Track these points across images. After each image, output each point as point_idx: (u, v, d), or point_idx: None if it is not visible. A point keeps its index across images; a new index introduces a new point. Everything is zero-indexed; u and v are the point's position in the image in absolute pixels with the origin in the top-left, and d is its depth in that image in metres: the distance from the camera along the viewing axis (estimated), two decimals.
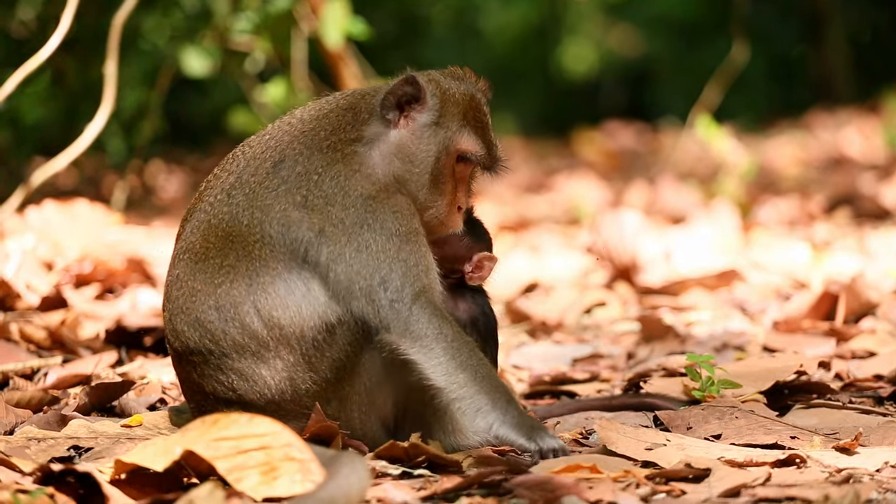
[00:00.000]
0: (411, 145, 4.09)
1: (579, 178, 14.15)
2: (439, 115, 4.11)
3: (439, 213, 4.13)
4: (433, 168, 4.09)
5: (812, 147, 16.57)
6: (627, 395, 4.87)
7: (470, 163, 4.17)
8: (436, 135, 4.10)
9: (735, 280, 7.55)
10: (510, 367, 5.71)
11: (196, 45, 9.78)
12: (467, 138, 4.13)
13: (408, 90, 4.09)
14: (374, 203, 3.99)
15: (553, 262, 8.70)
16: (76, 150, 7.65)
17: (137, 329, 5.73)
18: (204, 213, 4.09)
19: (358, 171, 4.04)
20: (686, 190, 12.00)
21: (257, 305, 3.95)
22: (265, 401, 3.98)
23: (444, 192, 4.13)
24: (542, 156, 18.82)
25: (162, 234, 8.99)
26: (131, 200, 10.89)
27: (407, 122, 4.10)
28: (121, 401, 4.64)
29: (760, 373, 4.67)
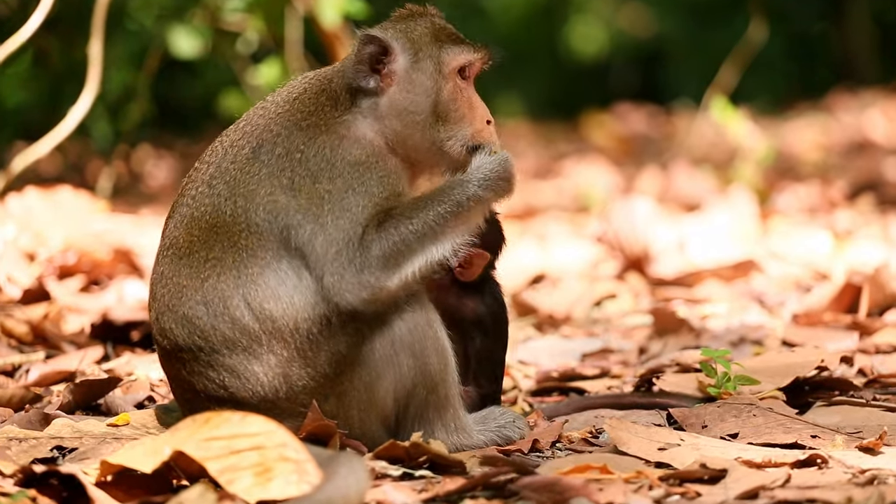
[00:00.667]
0: (407, 95, 4.11)
1: (588, 164, 14.14)
2: (415, 52, 4.14)
3: (466, 137, 4.14)
4: (438, 100, 4.12)
5: (833, 130, 16.54)
6: (639, 392, 4.87)
7: (469, 72, 4.20)
8: (423, 69, 4.13)
9: (752, 271, 7.54)
10: (516, 362, 5.70)
11: (185, 25, 9.77)
12: (453, 52, 4.17)
13: (371, 49, 4.11)
14: (363, 168, 4.01)
15: (561, 253, 8.69)
16: (60, 135, 7.64)
17: (124, 323, 5.73)
18: (186, 207, 4.09)
19: (345, 138, 4.06)
20: (701, 176, 11.98)
21: (247, 298, 3.95)
22: (258, 398, 3.97)
23: (461, 115, 4.15)
24: (550, 140, 18.80)
25: (150, 222, 8.98)
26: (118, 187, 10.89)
27: (390, 79, 4.12)
28: (107, 399, 4.64)
29: (779, 368, 4.66)
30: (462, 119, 4.17)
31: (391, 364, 4.01)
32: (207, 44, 9.91)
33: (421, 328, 4.01)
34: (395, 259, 3.94)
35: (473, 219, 4.04)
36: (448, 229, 3.98)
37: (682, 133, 16.35)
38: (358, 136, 4.07)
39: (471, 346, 4.33)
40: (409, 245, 3.94)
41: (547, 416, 4.57)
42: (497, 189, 4.06)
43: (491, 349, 4.37)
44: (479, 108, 4.21)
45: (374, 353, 3.99)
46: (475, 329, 4.32)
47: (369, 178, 4.00)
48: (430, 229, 3.96)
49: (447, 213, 3.98)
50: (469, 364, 4.33)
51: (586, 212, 10.85)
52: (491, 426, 4.20)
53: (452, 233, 4.00)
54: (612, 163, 14.44)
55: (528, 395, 5.20)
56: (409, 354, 4.00)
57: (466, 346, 4.31)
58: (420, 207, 3.97)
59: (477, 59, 4.21)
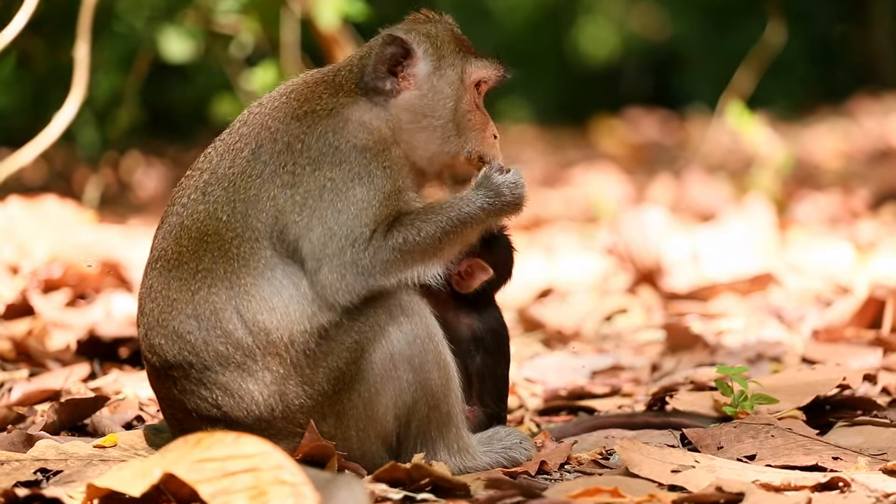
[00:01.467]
0: (425, 100, 4.17)
1: (598, 172, 14.14)
2: (438, 59, 4.20)
3: (479, 149, 4.22)
4: (456, 109, 4.19)
5: (855, 136, 16.54)
6: (652, 411, 4.86)
7: (483, 88, 4.29)
8: (445, 77, 4.20)
9: (770, 284, 7.53)
10: (522, 379, 5.70)
11: (176, 27, 9.78)
12: (476, 65, 4.26)
13: (394, 51, 4.16)
14: (370, 155, 4.05)
15: (569, 265, 8.68)
16: (45, 142, 7.65)
17: (112, 339, 5.73)
18: (176, 216, 4.10)
19: (349, 121, 4.09)
20: (716, 185, 11.98)
21: (240, 310, 3.95)
22: (253, 418, 3.97)
23: (473, 126, 4.23)
24: (558, 147, 18.81)
25: (139, 233, 8.99)
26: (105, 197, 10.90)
27: (408, 83, 4.16)
28: (93, 418, 4.63)
29: (799, 387, 4.65)
30: (474, 131, 4.23)
31: (391, 379, 4.01)
32: (199, 47, 9.93)
33: (421, 341, 4.02)
34: (398, 266, 3.99)
35: (471, 238, 4.12)
36: (453, 243, 4.05)
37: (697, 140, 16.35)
38: (363, 120, 4.10)
39: (471, 364, 4.33)
40: (413, 255, 3.99)
41: (555, 436, 4.56)
42: (505, 208, 4.13)
43: (493, 366, 4.37)
44: (489, 121, 4.29)
45: (372, 368, 3.99)
46: (474, 346, 4.32)
47: (375, 167, 4.04)
48: (435, 241, 4.01)
49: (455, 227, 4.03)
50: (471, 382, 4.33)
51: (596, 222, 10.84)
52: (496, 447, 4.19)
53: (456, 247, 4.07)
54: (623, 171, 14.44)
55: (535, 415, 5.20)
56: (409, 368, 4.01)
57: (467, 363, 4.30)
58: (426, 220, 4.02)
59: (495, 76, 4.30)
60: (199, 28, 9.82)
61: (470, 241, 4.12)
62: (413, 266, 4.00)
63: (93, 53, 7.87)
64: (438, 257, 4.04)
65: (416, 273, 4.01)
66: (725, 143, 14.97)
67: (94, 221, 8.14)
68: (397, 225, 3.99)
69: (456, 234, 4.04)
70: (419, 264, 4.01)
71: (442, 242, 4.03)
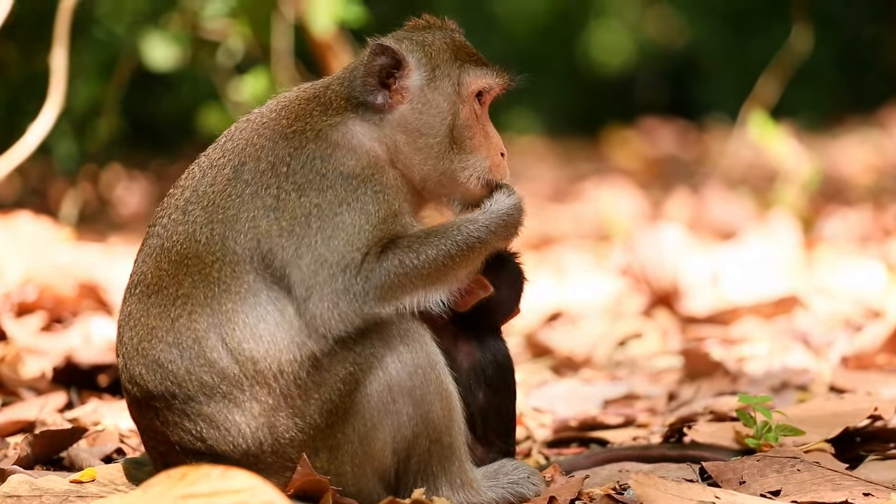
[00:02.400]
0: (419, 115, 4.15)
1: (611, 186, 14.15)
2: (432, 69, 4.18)
3: (483, 170, 4.19)
4: (453, 125, 4.16)
5: (887, 148, 16.56)
6: (669, 443, 4.85)
7: (486, 98, 4.25)
8: (439, 89, 4.17)
9: (796, 307, 7.52)
10: (530, 409, 5.69)
11: (160, 32, 9.80)
12: (474, 74, 4.22)
13: (383, 61, 4.14)
14: (357, 181, 4.03)
15: (580, 287, 8.68)
16: (19, 155, 7.66)
17: (90, 366, 5.72)
18: (157, 238, 4.10)
19: (338, 146, 4.07)
20: (737, 200, 11.98)
21: (224, 338, 3.95)
22: (240, 452, 3.97)
23: (477, 144, 4.20)
24: (568, 160, 18.84)
25: (120, 253, 8.99)
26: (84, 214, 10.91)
27: (401, 96, 4.15)
28: (70, 451, 4.62)
29: (827, 417, 4.64)
30: (477, 149, 4.21)
31: (389, 412, 4.00)
32: (185, 53, 9.94)
33: (422, 371, 4.01)
34: (394, 292, 3.96)
35: (476, 262, 4.11)
36: (454, 269, 4.03)
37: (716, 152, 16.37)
38: (353, 144, 4.09)
39: (473, 401, 4.29)
40: (412, 280, 3.97)
41: (565, 470, 4.55)
42: (507, 234, 4.14)
43: (497, 403, 4.35)
44: (495, 137, 4.26)
45: (369, 401, 3.98)
46: (475, 380, 4.29)
47: (363, 192, 4.02)
48: (435, 268, 3.99)
49: (456, 252, 4.01)
50: (474, 421, 4.30)
51: (608, 240, 10.85)
52: (502, 482, 4.18)
53: (457, 273, 4.05)
54: (638, 185, 14.45)
55: (544, 447, 5.19)
56: (408, 401, 4.00)
57: (468, 400, 4.26)
58: (427, 242, 4.00)
59: (498, 85, 4.26)
60: (184, 33, 9.84)
61: (475, 265, 4.10)
62: (412, 292, 3.98)
63: (70, 60, 7.89)
64: (441, 282, 4.02)
65: (415, 299, 3.99)
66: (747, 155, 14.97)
67: (71, 240, 8.14)
68: (393, 248, 3.98)
69: (461, 258, 4.03)
70: (419, 290, 3.99)
71: (445, 266, 4.01)
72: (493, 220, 4.08)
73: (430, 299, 4.01)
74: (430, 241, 4.00)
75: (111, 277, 7.30)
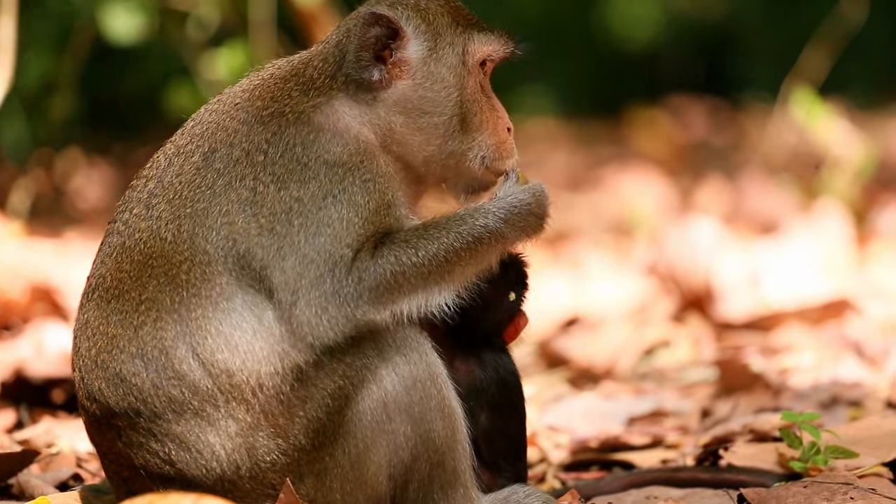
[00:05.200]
0: (423, 91, 4.15)
1: (634, 173, 14.16)
2: (434, 38, 4.18)
3: (489, 148, 4.19)
4: (460, 99, 4.17)
5: None
6: (702, 466, 4.85)
7: (489, 65, 4.25)
8: (443, 60, 4.17)
9: (847, 312, 7.52)
10: (544, 428, 5.69)
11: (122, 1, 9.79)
12: (479, 41, 4.22)
13: (378, 32, 4.13)
14: (343, 170, 4.02)
15: (601, 288, 8.69)
16: None
17: (43, 380, 5.73)
18: (118, 236, 4.09)
19: (322, 130, 4.07)
20: (779, 190, 11.98)
21: (194, 348, 3.94)
22: (214, 477, 3.96)
23: (482, 120, 4.20)
24: (586, 143, 18.86)
25: (78, 251, 8.99)
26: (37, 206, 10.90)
27: (399, 70, 4.14)
28: (20, 477, 4.62)
29: (884, 437, 4.64)
30: (483, 125, 4.20)
31: (384, 432, 4.00)
32: (151, 24, 9.93)
33: (421, 385, 4.00)
34: (391, 293, 3.94)
35: (489, 258, 4.06)
36: (460, 267, 4.00)
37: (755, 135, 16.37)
38: (339, 127, 4.08)
39: (473, 424, 4.25)
40: (409, 280, 3.95)
41: (584, 496, 4.56)
42: (525, 226, 4.09)
43: (503, 426, 4.33)
44: (500, 110, 4.26)
45: (361, 419, 3.97)
46: (475, 401, 4.26)
47: (350, 182, 4.01)
48: (437, 265, 3.97)
49: (461, 246, 3.99)
50: (477, 443, 4.27)
51: (632, 235, 10.85)
52: None
53: (464, 271, 4.01)
54: (665, 172, 14.46)
55: (560, 470, 5.19)
56: (406, 419, 3.99)
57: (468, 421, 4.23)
58: (427, 235, 3.98)
59: (504, 52, 4.26)
60: (149, 2, 9.83)
61: (488, 262, 4.06)
62: (411, 293, 3.96)
63: (20, 32, 7.88)
64: (446, 282, 4.00)
65: (415, 302, 3.97)
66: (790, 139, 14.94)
67: (21, 236, 8.13)
68: (388, 243, 3.96)
69: (469, 254, 4.00)
70: (419, 291, 3.97)
71: (450, 263, 3.98)
72: (507, 208, 4.05)
73: (433, 302, 3.99)
74: (431, 235, 3.98)
75: (67, 279, 7.30)
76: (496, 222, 4.04)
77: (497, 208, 4.05)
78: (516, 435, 4.39)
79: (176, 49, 10.54)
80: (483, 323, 4.28)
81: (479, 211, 4.05)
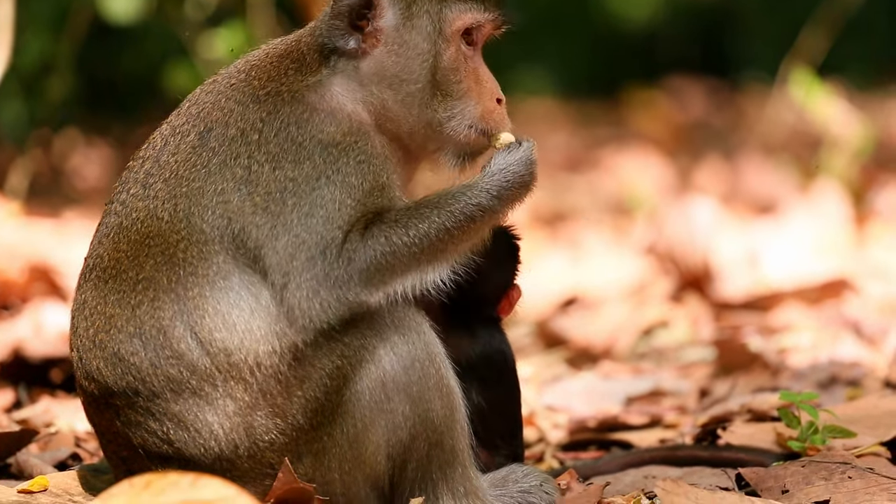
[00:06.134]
0: (396, 58, 4.13)
1: (633, 154, 14.16)
2: (408, 5, 4.15)
3: (473, 117, 4.16)
4: (435, 68, 4.14)
5: None
6: (700, 445, 4.85)
7: (477, 38, 4.20)
8: (417, 28, 4.15)
9: (845, 291, 7.52)
10: (542, 408, 5.69)
11: None
12: (457, 10, 4.18)
13: (352, 1, 4.10)
14: (337, 150, 4.01)
15: (599, 268, 8.69)
16: None
17: (42, 360, 5.73)
18: (115, 216, 4.09)
19: (316, 110, 4.06)
20: (777, 170, 11.98)
21: (192, 327, 3.93)
22: (212, 456, 3.96)
23: (465, 89, 4.17)
24: (584, 123, 18.84)
25: (77, 230, 8.99)
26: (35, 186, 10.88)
27: (375, 39, 4.12)
28: (18, 457, 4.62)
29: (882, 417, 4.64)
30: (466, 94, 4.17)
31: (382, 411, 3.99)
32: (149, 3, 9.91)
33: (420, 364, 4.00)
34: (382, 275, 3.94)
35: (482, 233, 4.06)
36: (453, 244, 3.99)
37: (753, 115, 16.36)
38: (333, 106, 4.07)
39: (466, 400, 4.25)
40: (401, 259, 3.94)
41: (582, 476, 4.56)
42: (517, 197, 4.08)
43: (495, 402, 4.32)
44: (488, 82, 4.21)
45: (360, 398, 3.97)
46: (469, 377, 4.25)
47: (345, 163, 4.00)
48: (428, 243, 3.96)
49: (453, 225, 3.98)
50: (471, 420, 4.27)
51: (630, 215, 10.84)
52: (512, 490, 4.19)
53: (457, 248, 4.00)
54: (663, 152, 14.45)
55: (559, 450, 5.20)
56: (404, 399, 3.99)
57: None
58: (418, 215, 3.97)
59: (487, 21, 4.22)
60: None
61: (480, 237, 4.06)
62: (403, 274, 3.95)
63: (18, 11, 7.86)
64: (439, 260, 3.99)
65: (408, 283, 3.96)
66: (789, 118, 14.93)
67: (20, 216, 8.12)
68: (378, 224, 3.95)
69: (461, 232, 4.00)
70: (412, 271, 3.97)
71: (441, 241, 3.98)
72: (497, 182, 4.04)
73: (426, 281, 3.98)
74: (422, 214, 3.98)
75: (66, 259, 7.29)
76: (489, 200, 4.03)
77: (490, 185, 4.03)
78: (510, 412, 4.39)
79: (174, 29, 10.53)
80: (476, 297, 4.27)
81: (473, 188, 4.03)
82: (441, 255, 3.99)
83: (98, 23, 10.21)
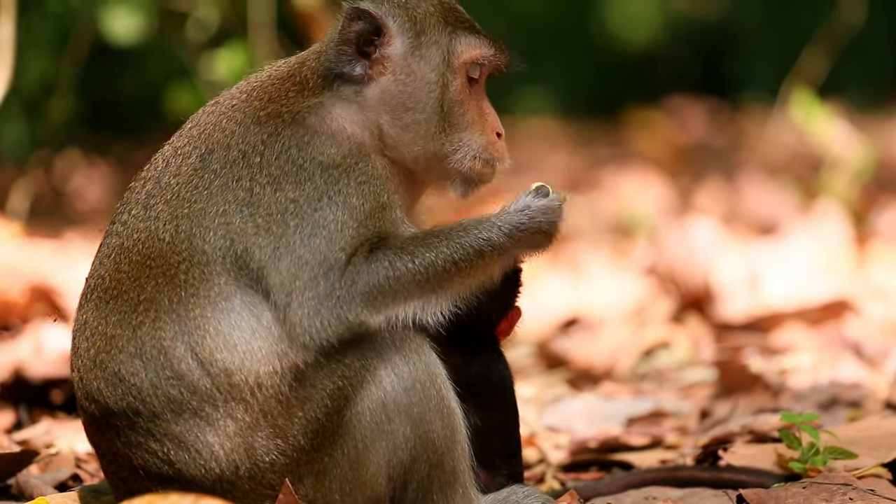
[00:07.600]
0: (403, 87, 4.14)
1: (633, 174, 14.16)
2: (417, 35, 4.16)
3: (478, 148, 4.16)
4: (442, 100, 4.15)
5: None
6: (701, 466, 4.84)
7: (482, 72, 4.21)
8: (426, 58, 4.15)
9: (846, 312, 7.51)
10: (543, 428, 5.68)
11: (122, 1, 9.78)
12: (466, 43, 4.19)
13: (360, 27, 4.12)
14: (338, 172, 4.02)
15: (600, 289, 8.68)
16: None
17: (43, 381, 5.72)
18: (116, 237, 4.09)
19: (317, 132, 4.06)
20: (778, 191, 11.97)
21: (193, 347, 3.93)
22: (213, 477, 3.95)
23: (469, 121, 4.18)
24: (585, 143, 18.85)
25: (77, 252, 8.98)
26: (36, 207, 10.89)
27: (382, 66, 4.13)
28: (19, 478, 4.61)
29: (883, 438, 4.63)
30: (471, 126, 4.18)
31: (383, 433, 3.99)
32: (150, 25, 9.93)
33: (421, 385, 4.00)
34: (384, 298, 3.94)
35: (491, 271, 4.03)
36: (459, 278, 3.98)
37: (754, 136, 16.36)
38: (334, 129, 4.08)
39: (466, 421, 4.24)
40: (405, 286, 3.94)
41: (583, 497, 4.55)
42: (531, 242, 4.06)
43: (493, 424, 4.32)
44: (490, 115, 4.23)
45: (361, 419, 3.97)
46: (468, 398, 4.24)
47: (345, 184, 4.01)
48: (434, 274, 3.95)
49: (461, 258, 3.97)
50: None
51: (631, 236, 10.84)
52: None
53: (460, 283, 3.99)
54: (664, 173, 14.45)
55: (560, 471, 5.19)
56: (405, 420, 3.99)
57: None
58: (426, 244, 3.97)
59: (494, 57, 4.23)
60: (149, 3, 9.82)
61: (489, 275, 4.04)
62: (405, 300, 3.95)
63: (19, 33, 7.87)
64: (444, 290, 3.98)
65: (410, 309, 3.96)
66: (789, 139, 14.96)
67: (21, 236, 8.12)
68: (384, 248, 3.96)
69: (468, 265, 3.98)
70: (414, 299, 3.96)
71: (447, 273, 3.97)
72: (515, 223, 4.03)
73: (428, 311, 3.98)
74: (430, 243, 3.97)
75: (67, 280, 7.28)
76: (500, 237, 4.01)
77: (503, 222, 4.03)
78: (506, 432, 4.38)
79: (175, 50, 10.54)
80: (476, 319, 4.26)
81: (485, 222, 4.03)
82: (446, 286, 3.99)
83: (99, 44, 10.22)
